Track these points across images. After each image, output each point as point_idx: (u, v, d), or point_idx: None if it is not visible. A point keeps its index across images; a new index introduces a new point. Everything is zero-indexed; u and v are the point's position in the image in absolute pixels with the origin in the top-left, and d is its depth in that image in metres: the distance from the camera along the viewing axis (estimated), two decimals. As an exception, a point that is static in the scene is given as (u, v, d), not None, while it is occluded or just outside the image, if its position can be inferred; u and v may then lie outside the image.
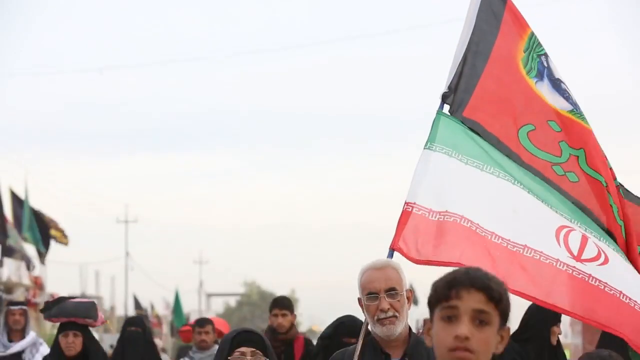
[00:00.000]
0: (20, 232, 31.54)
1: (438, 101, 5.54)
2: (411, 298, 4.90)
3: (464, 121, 5.47)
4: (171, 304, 44.86)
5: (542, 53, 5.66)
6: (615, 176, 5.49)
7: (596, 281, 5.06)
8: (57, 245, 34.52)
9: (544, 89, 5.58)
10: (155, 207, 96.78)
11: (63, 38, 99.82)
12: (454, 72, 5.56)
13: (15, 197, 31.85)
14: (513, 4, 5.75)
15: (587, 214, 5.34)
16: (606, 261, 5.13)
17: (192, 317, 35.90)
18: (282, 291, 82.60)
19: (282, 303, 9.18)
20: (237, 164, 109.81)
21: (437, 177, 5.25)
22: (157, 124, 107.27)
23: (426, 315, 2.92)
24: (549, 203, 5.29)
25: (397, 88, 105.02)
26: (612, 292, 5.05)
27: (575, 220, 5.26)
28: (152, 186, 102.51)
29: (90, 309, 7.59)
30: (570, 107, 5.55)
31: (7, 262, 31.52)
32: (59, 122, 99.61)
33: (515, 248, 5.10)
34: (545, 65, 5.63)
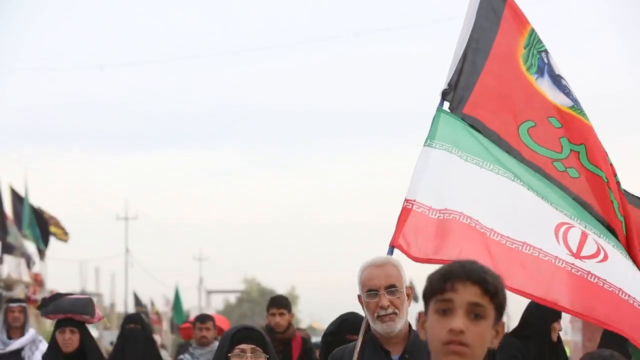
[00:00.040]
0: (20, 229, 31.56)
1: (438, 98, 5.54)
2: (411, 295, 4.90)
3: (464, 118, 5.47)
4: (171, 301, 44.86)
5: (543, 49, 5.66)
6: (615, 172, 5.49)
7: (595, 278, 5.06)
8: (57, 242, 34.57)
9: (545, 85, 5.58)
10: (155, 204, 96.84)
11: (63, 36, 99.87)
12: (454, 69, 5.56)
13: (15, 194, 31.89)
14: (513, 1, 5.75)
15: (588, 210, 5.34)
16: (605, 258, 5.13)
17: (192, 314, 35.94)
18: (283, 288, 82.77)
19: (280, 302, 9.17)
20: (237, 161, 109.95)
21: (437, 175, 5.25)
22: (157, 122, 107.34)
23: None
24: (549, 200, 5.29)
25: (397, 85, 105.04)
26: (611, 289, 5.05)
27: (575, 216, 5.27)
28: (152, 183, 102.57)
29: (87, 306, 7.56)
30: (570, 103, 5.55)
31: (7, 259, 31.51)
32: (59, 120, 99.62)
33: (514, 245, 5.10)
34: (545, 61, 5.63)
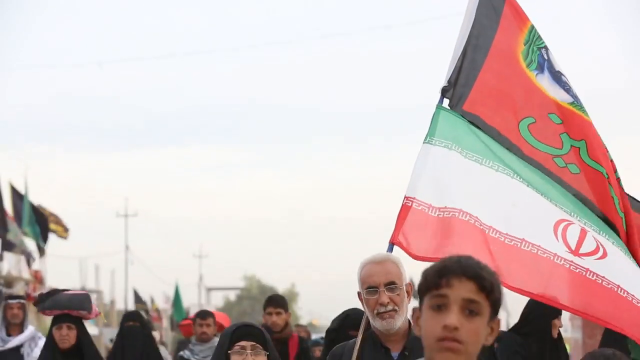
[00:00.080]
0: (20, 227, 31.59)
1: (438, 95, 5.54)
2: (411, 292, 4.90)
3: (464, 115, 5.47)
4: (171, 298, 44.88)
5: (542, 46, 5.66)
6: (615, 168, 5.48)
7: (594, 275, 5.06)
8: (57, 239, 34.61)
9: (545, 82, 5.58)
10: (155, 201, 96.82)
11: (62, 33, 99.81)
12: (454, 67, 5.56)
13: (15, 192, 31.91)
14: (513, -2, 5.75)
15: (588, 206, 5.34)
16: (604, 255, 5.13)
17: (192, 311, 35.90)
18: (282, 285, 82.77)
19: (277, 301, 9.12)
20: (237, 159, 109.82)
21: (437, 172, 5.25)
22: (157, 118, 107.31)
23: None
24: (549, 196, 5.29)
25: (397, 82, 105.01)
26: (610, 287, 5.05)
27: (575, 213, 5.26)
28: (152, 180, 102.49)
29: (84, 301, 7.51)
30: (570, 99, 5.55)
31: (7, 256, 31.55)
32: (59, 117, 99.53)
33: (513, 242, 5.10)
34: (545, 57, 5.63)
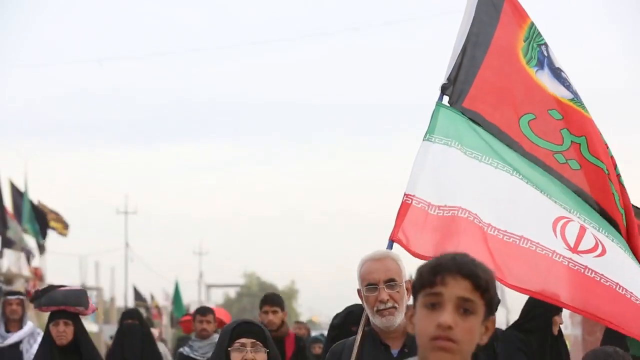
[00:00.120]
0: (20, 223, 31.59)
1: (437, 92, 5.54)
2: (410, 289, 4.89)
3: (464, 112, 5.47)
4: (171, 295, 44.91)
5: (542, 43, 5.66)
6: (616, 164, 5.48)
7: (592, 273, 5.06)
8: (56, 236, 34.61)
9: (545, 78, 5.57)
10: (155, 198, 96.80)
11: (63, 29, 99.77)
12: (453, 64, 5.56)
13: (14, 189, 31.92)
14: (513, -4, 5.75)
15: (589, 202, 5.34)
16: (603, 252, 5.13)
17: (192, 308, 35.91)
18: (282, 282, 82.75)
19: (272, 300, 9.05)
20: (237, 155, 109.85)
21: (436, 169, 5.25)
22: (157, 115, 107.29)
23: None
24: (549, 193, 5.29)
25: (398, 79, 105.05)
26: (608, 284, 5.04)
27: (574, 210, 5.26)
28: (152, 177, 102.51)
29: (80, 297, 7.44)
30: (571, 96, 5.54)
31: (7, 253, 31.54)
32: (59, 113, 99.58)
33: (511, 239, 5.10)
34: (545, 54, 5.63)
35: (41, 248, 33.71)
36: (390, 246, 5.08)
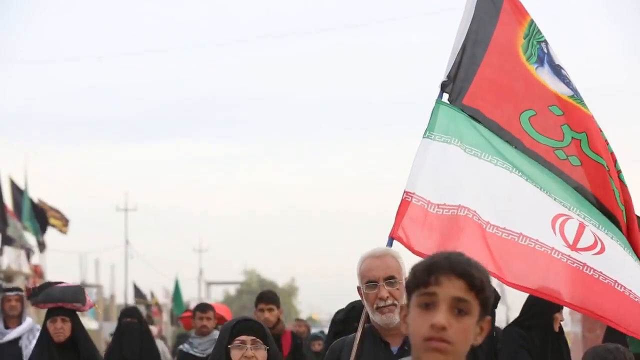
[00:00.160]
0: (20, 221, 31.58)
1: (438, 90, 5.55)
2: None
3: (464, 109, 5.47)
4: (171, 292, 44.88)
5: (542, 40, 5.66)
6: (616, 160, 5.48)
7: (591, 270, 5.06)
8: (57, 233, 34.59)
9: (545, 75, 5.58)
10: (155, 195, 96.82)
11: (63, 26, 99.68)
12: (453, 61, 5.56)
13: (14, 186, 31.91)
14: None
15: (589, 199, 5.34)
16: (602, 250, 5.13)
17: (192, 306, 35.93)
18: (282, 279, 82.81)
19: (268, 297, 9.03)
20: (237, 152, 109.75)
21: (436, 167, 5.26)
22: (157, 112, 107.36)
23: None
24: (548, 190, 5.29)
25: (398, 76, 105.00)
26: (607, 282, 5.05)
27: (574, 207, 5.26)
28: (152, 174, 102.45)
29: (77, 294, 7.41)
30: (571, 93, 5.55)
31: (7, 251, 31.54)
32: (59, 110, 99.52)
33: (510, 236, 5.10)
34: (545, 51, 5.63)
35: (41, 245, 33.69)
36: (390, 243, 5.08)
